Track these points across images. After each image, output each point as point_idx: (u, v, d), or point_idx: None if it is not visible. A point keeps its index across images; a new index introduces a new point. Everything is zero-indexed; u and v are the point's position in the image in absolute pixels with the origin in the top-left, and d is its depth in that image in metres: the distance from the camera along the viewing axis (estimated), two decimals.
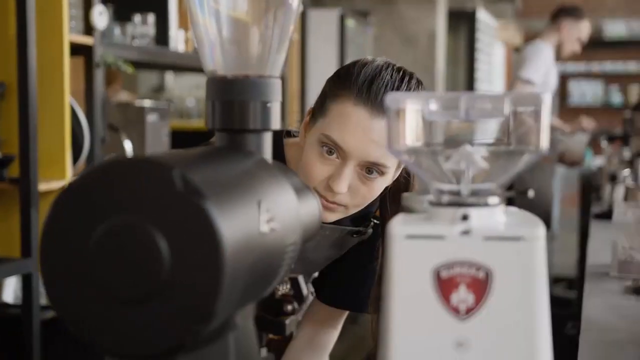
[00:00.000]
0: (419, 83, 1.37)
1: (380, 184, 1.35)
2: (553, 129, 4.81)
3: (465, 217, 0.68)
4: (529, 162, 0.70)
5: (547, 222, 4.71)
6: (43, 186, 2.56)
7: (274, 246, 0.69)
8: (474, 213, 0.68)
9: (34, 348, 2.55)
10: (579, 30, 4.71)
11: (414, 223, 0.69)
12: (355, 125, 1.29)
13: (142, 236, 0.60)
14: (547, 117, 0.67)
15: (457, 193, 0.70)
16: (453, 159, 0.70)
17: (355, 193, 1.33)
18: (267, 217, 0.68)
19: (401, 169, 1.41)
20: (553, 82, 4.77)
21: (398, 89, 1.31)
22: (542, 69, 4.61)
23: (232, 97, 0.76)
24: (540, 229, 0.67)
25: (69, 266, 0.62)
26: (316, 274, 1.61)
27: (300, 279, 0.85)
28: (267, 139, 0.78)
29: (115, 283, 0.60)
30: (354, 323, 3.71)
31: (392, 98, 0.70)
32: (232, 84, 0.76)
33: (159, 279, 0.59)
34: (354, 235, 1.52)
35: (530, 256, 0.66)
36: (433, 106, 0.69)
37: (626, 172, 3.01)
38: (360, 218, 1.50)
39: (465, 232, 0.67)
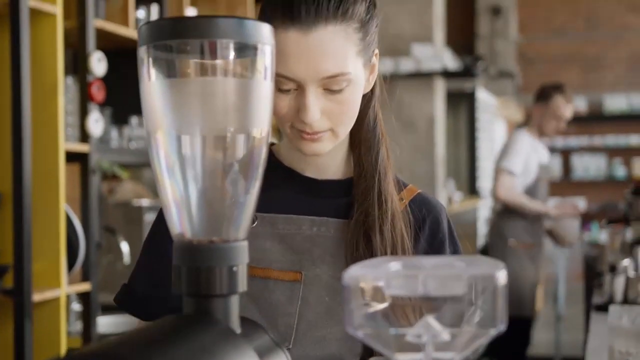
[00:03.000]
0: None
1: (352, 92, 1.26)
2: (540, 216, 4.78)
3: None
4: (490, 335, 0.69)
5: (521, 306, 4.55)
6: (37, 297, 2.55)
7: None
8: None
9: None
10: (553, 109, 4.72)
11: None
12: (293, 51, 1.21)
13: None
14: (503, 294, 0.67)
15: None
16: (414, 331, 0.69)
17: (331, 113, 1.24)
18: None
19: (376, 72, 1.33)
20: (534, 167, 4.75)
21: None
22: (522, 158, 4.65)
23: (198, 264, 0.76)
24: None
25: None
26: None
27: None
28: (234, 303, 0.78)
29: None
30: None
31: (350, 275, 0.69)
32: (198, 250, 0.76)
33: None
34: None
35: None
36: (393, 282, 0.69)
37: (626, 262, 2.98)
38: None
39: None
